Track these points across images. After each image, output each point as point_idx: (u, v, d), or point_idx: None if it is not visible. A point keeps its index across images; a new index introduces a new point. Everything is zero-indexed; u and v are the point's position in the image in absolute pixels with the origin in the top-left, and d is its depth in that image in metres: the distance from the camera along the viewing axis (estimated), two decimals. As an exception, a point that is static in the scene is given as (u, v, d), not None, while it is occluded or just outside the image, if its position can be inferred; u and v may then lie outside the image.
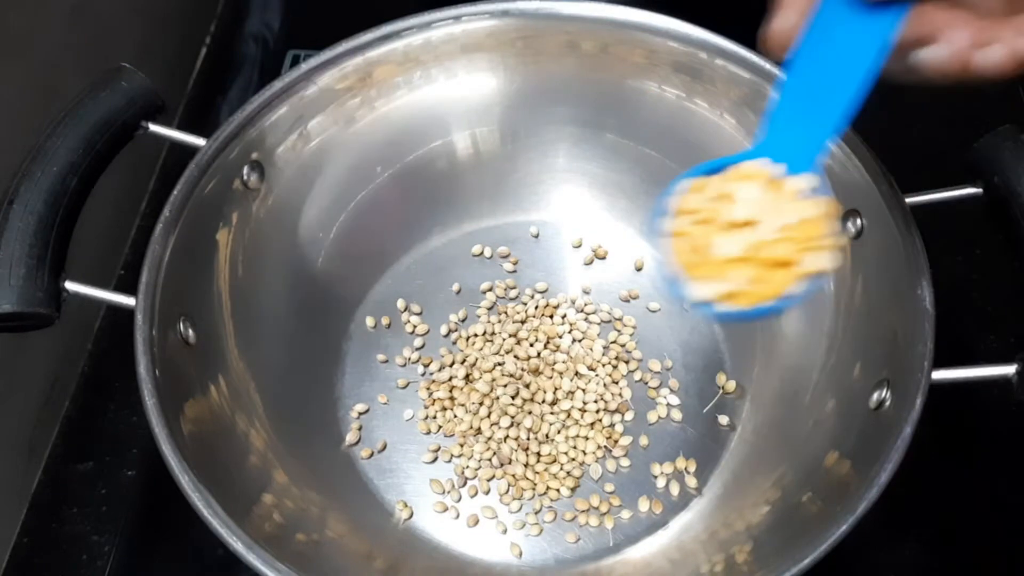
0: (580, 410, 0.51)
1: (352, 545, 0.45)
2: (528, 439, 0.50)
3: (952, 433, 0.53)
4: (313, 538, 0.43)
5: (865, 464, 0.39)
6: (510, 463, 0.50)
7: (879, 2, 0.33)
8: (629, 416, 0.51)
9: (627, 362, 0.53)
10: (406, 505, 0.49)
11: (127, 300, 0.42)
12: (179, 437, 0.39)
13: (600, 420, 0.51)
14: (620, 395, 0.52)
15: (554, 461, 0.50)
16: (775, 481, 0.45)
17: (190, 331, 0.44)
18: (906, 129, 0.64)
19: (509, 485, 0.49)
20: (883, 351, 0.43)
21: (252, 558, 0.37)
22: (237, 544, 0.37)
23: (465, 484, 0.49)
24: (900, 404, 0.39)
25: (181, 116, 0.69)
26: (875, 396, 0.42)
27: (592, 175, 0.56)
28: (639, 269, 0.56)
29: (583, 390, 0.52)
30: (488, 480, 0.49)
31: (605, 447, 0.50)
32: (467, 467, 0.50)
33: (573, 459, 0.50)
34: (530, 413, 0.51)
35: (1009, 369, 0.39)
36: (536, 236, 0.57)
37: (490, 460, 0.50)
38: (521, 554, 0.48)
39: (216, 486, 0.39)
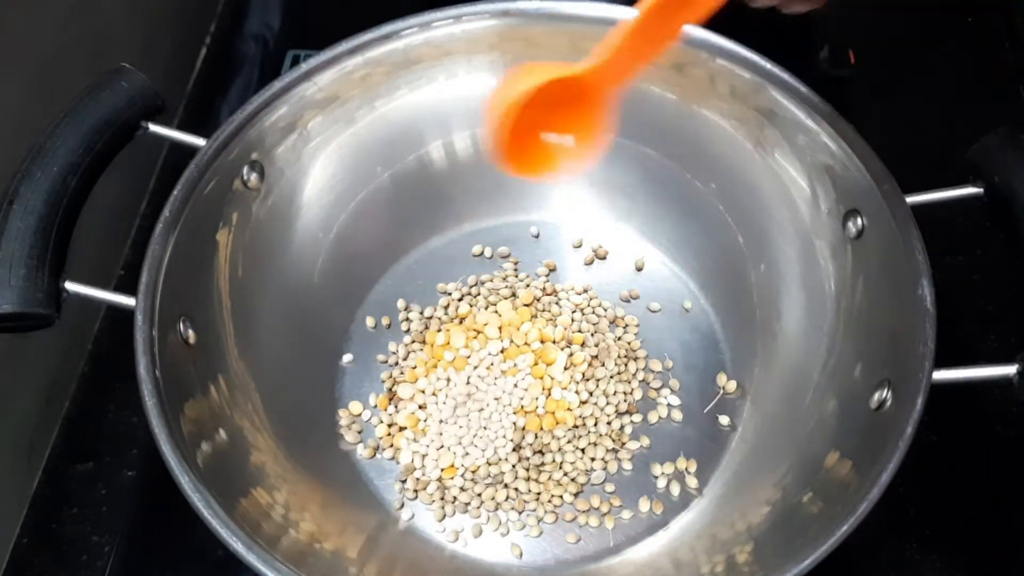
0: (593, 417, 0.51)
1: (352, 545, 0.45)
2: (532, 455, 0.50)
3: (954, 434, 0.53)
4: (313, 538, 0.43)
5: (866, 464, 0.39)
6: (515, 479, 0.50)
7: None
8: (637, 418, 0.51)
9: (635, 360, 0.53)
10: (406, 506, 0.49)
11: (127, 300, 0.42)
12: (179, 437, 0.39)
13: (610, 423, 0.51)
14: (632, 394, 0.52)
15: (559, 468, 0.50)
16: (776, 481, 0.45)
17: (190, 331, 0.44)
18: (907, 129, 0.65)
19: (509, 497, 0.49)
20: (884, 351, 0.43)
21: (252, 558, 0.37)
22: (237, 544, 0.37)
23: (469, 503, 0.49)
24: (901, 404, 0.39)
25: (181, 116, 0.69)
26: (876, 396, 0.42)
27: (592, 175, 0.56)
28: (639, 269, 0.56)
29: (604, 393, 0.52)
30: (492, 499, 0.49)
31: (612, 450, 0.50)
32: (466, 488, 0.50)
33: (580, 468, 0.50)
34: (541, 429, 0.51)
35: (1010, 369, 0.39)
36: (536, 236, 0.58)
37: (487, 477, 0.50)
38: (522, 555, 0.48)
39: (216, 486, 0.39)
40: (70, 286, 0.41)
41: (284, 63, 0.70)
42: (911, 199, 0.43)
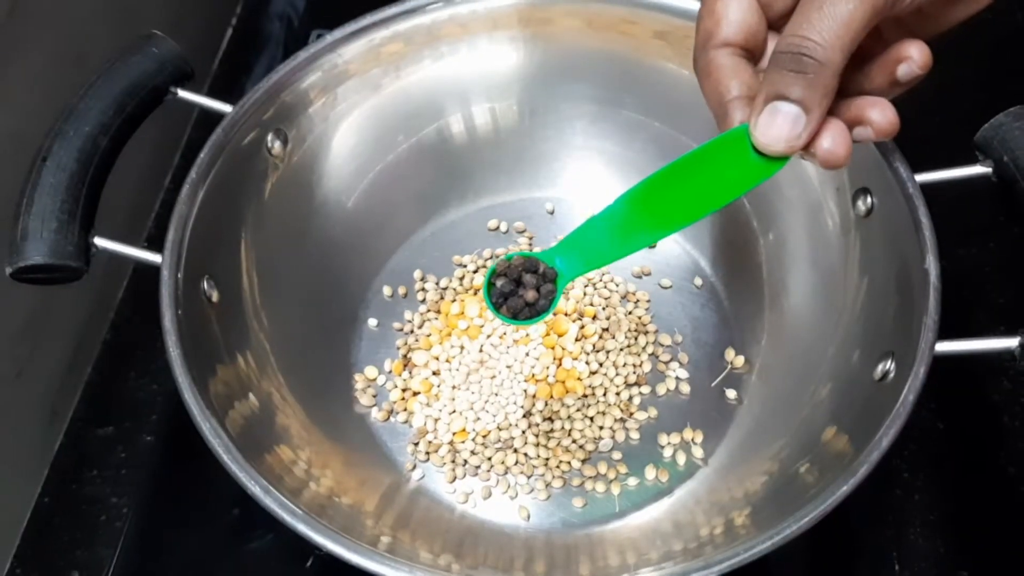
0: (603, 387, 0.52)
1: (369, 500, 0.46)
2: (541, 421, 0.51)
3: (960, 422, 0.54)
4: (333, 492, 0.44)
5: (865, 435, 0.39)
6: (524, 445, 0.50)
7: None
8: (646, 389, 0.52)
9: (646, 334, 0.54)
10: (417, 467, 0.50)
11: (153, 257, 0.43)
12: (201, 386, 0.40)
13: (619, 394, 0.52)
14: (641, 367, 0.53)
15: (568, 435, 0.51)
16: (776, 452, 0.46)
17: (214, 291, 0.45)
18: (918, 111, 0.65)
19: (519, 462, 0.50)
20: (890, 325, 0.43)
21: (269, 501, 0.37)
22: (255, 487, 0.37)
23: (479, 467, 0.50)
24: (903, 374, 0.39)
25: (207, 91, 0.70)
26: (880, 368, 0.42)
27: (608, 153, 0.57)
28: (652, 247, 0.57)
29: (614, 364, 0.53)
30: (501, 463, 0.50)
31: (620, 419, 0.51)
32: (477, 451, 0.51)
33: (588, 436, 0.51)
34: (551, 396, 0.52)
35: (1012, 342, 0.40)
36: (551, 212, 0.58)
37: (499, 443, 0.51)
38: (529, 517, 0.48)
39: (235, 438, 0.39)
40: (99, 242, 0.42)
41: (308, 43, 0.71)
42: (920, 177, 0.44)
